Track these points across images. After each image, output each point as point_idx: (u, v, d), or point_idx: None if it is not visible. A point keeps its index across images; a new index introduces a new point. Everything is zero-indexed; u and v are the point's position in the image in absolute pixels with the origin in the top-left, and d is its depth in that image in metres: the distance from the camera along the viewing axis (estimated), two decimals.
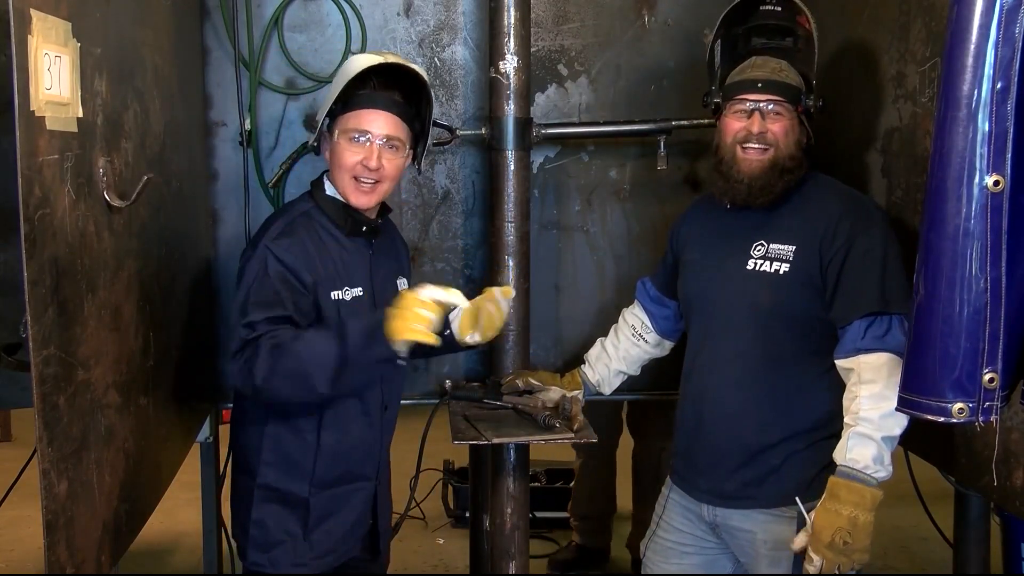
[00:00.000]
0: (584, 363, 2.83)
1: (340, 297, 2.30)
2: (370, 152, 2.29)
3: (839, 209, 2.31)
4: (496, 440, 2.53)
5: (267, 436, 2.32)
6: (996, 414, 1.59)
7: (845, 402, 2.20)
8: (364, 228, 2.37)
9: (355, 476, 2.40)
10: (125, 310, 2.06)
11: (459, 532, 4.63)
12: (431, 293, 2.13)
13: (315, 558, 2.35)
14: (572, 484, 4.54)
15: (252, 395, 2.21)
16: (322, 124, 2.34)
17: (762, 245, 2.37)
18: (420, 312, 2.08)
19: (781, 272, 2.32)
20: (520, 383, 2.75)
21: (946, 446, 2.36)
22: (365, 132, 2.30)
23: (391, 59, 2.33)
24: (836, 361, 2.23)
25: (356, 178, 2.32)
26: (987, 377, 1.56)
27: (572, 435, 2.53)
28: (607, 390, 2.81)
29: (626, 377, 2.81)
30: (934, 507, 3.39)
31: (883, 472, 2.14)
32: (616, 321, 2.83)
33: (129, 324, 2.09)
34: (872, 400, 2.14)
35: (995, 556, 3.20)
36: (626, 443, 4.27)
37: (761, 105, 2.35)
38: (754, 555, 2.39)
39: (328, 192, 2.36)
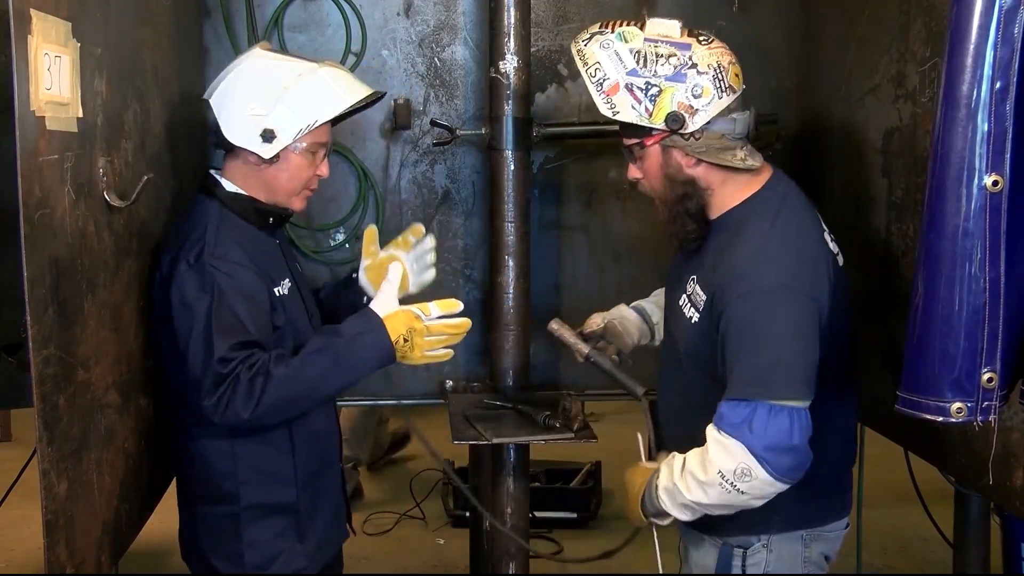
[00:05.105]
0: (640, 309, 2.55)
1: (281, 292, 2.24)
2: (324, 164, 2.29)
3: (733, 269, 2.03)
4: (496, 440, 2.53)
5: (238, 457, 2.21)
6: (995, 414, 1.59)
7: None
8: (271, 220, 2.31)
9: (326, 465, 2.37)
10: (125, 310, 2.06)
11: (459, 532, 4.63)
12: (438, 318, 2.20)
13: (313, 554, 2.33)
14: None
15: (234, 428, 2.15)
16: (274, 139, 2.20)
17: (692, 282, 2.15)
18: (431, 341, 2.18)
19: (693, 321, 2.13)
20: (610, 352, 2.46)
21: (946, 446, 2.36)
22: (325, 144, 2.28)
23: (367, 92, 2.29)
24: None
25: (306, 187, 2.30)
26: (986, 377, 1.56)
27: (572, 435, 2.53)
28: (651, 340, 2.54)
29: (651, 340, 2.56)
30: (934, 507, 3.39)
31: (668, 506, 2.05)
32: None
33: (129, 324, 2.09)
34: (693, 462, 2.00)
35: (995, 556, 3.21)
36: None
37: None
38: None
39: (230, 189, 2.25)
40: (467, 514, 3.71)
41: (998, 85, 1.49)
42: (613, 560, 2.41)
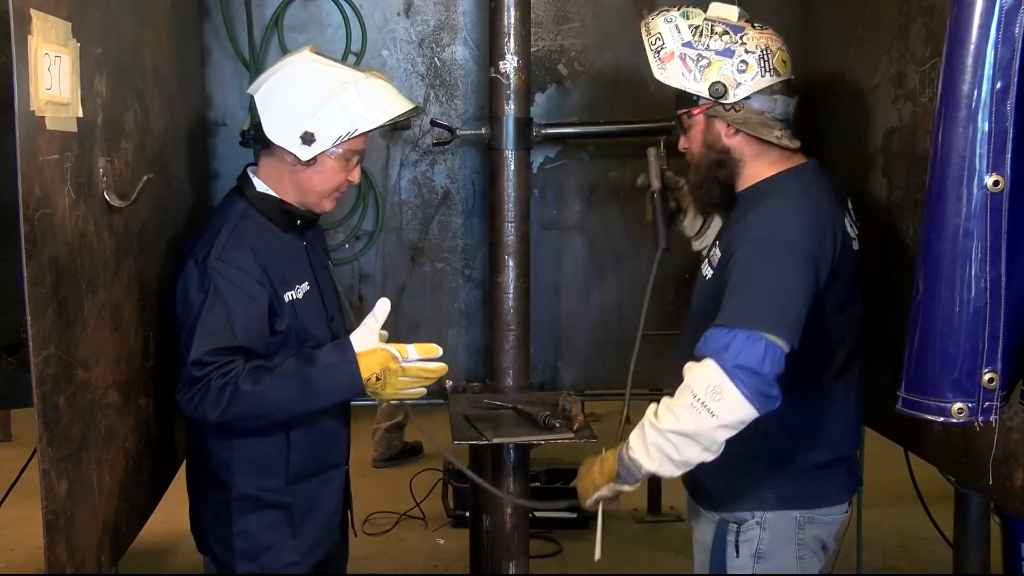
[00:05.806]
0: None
1: (294, 297, 2.26)
2: (356, 170, 2.33)
3: (748, 226, 2.18)
4: (496, 440, 2.53)
5: (235, 447, 2.25)
6: (995, 414, 1.59)
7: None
8: (299, 222, 2.33)
9: (327, 465, 2.39)
10: (125, 310, 2.06)
11: (459, 532, 4.63)
12: (413, 361, 2.19)
13: (305, 553, 2.34)
14: None
15: (206, 425, 2.21)
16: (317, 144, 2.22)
17: (715, 246, 2.29)
18: (404, 380, 2.18)
19: (707, 278, 2.26)
20: (671, 205, 2.65)
21: (946, 446, 2.36)
22: (360, 152, 2.32)
23: (408, 107, 2.31)
24: None
25: (337, 190, 2.33)
26: (987, 377, 1.56)
27: (572, 435, 2.53)
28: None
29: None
30: (934, 507, 3.39)
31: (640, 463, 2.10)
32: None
33: (129, 324, 2.09)
34: (666, 399, 2.08)
35: (995, 556, 3.21)
36: None
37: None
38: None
39: (260, 189, 2.30)
40: (467, 514, 3.71)
41: (999, 85, 1.49)
42: (614, 560, 2.41)
